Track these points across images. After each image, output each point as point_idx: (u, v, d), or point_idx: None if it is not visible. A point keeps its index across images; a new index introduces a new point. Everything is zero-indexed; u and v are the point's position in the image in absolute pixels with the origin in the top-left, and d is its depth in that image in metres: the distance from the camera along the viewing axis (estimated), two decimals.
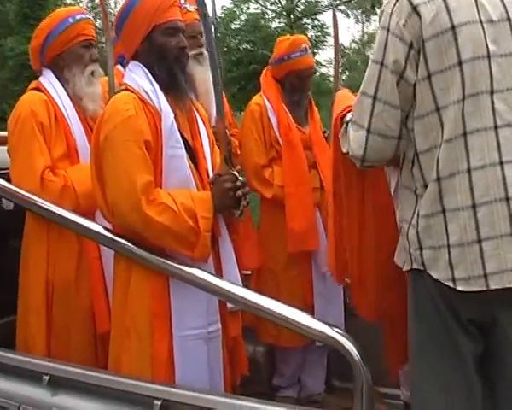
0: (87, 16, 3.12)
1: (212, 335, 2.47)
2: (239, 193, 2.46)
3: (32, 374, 2.47)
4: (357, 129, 2.15)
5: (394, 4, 2.07)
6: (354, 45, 21.22)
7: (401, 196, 2.23)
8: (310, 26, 15.41)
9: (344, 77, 27.69)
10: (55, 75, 3.04)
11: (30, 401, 2.44)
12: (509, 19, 2.05)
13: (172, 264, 2.35)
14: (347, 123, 2.25)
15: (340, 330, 2.14)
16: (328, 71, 24.48)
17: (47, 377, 2.42)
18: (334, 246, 2.46)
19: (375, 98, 2.09)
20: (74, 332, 2.89)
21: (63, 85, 3.02)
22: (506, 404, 2.08)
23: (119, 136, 2.36)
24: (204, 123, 2.67)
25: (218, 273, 2.51)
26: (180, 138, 2.45)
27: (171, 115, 2.44)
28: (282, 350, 3.82)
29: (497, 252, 1.97)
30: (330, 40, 19.60)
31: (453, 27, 2.00)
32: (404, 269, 2.19)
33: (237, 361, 2.67)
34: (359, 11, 18.04)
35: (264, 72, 4.04)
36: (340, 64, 21.29)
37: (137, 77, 2.49)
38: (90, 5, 33.01)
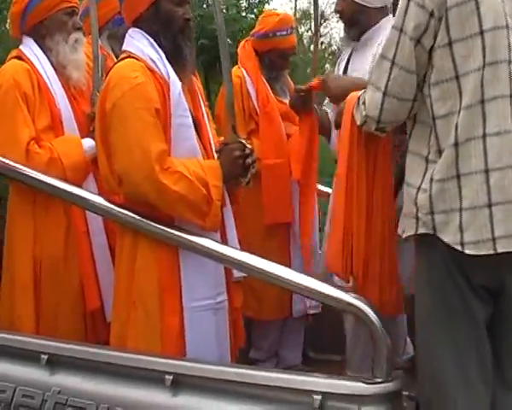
0: None
1: (220, 305, 2.43)
2: (248, 161, 2.43)
3: (29, 354, 2.38)
4: (375, 91, 2.20)
5: None
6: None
7: (409, 162, 2.24)
8: (257, 1, 15.31)
9: None
10: (37, 43, 2.90)
11: (27, 382, 2.35)
12: None
13: (183, 235, 2.30)
14: (359, 98, 2.31)
15: (358, 297, 2.14)
16: None
17: (45, 357, 2.34)
18: (343, 238, 2.41)
19: (393, 63, 2.14)
20: (63, 311, 2.80)
21: (45, 54, 2.90)
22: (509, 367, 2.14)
23: (129, 103, 2.28)
24: (201, 95, 2.63)
25: (224, 242, 2.47)
26: (187, 107, 2.40)
27: (179, 84, 2.38)
28: (261, 324, 3.81)
29: (505, 217, 2.01)
30: None
31: None
32: (405, 235, 2.21)
33: (237, 333, 2.64)
34: None
35: (242, 43, 3.99)
36: None
37: (141, 44, 2.41)
38: None
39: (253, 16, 13.49)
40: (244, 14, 13.99)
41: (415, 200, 2.14)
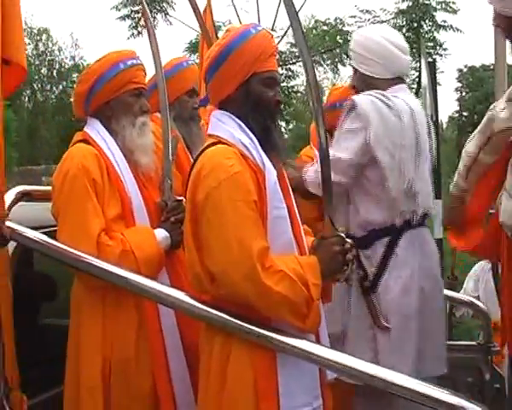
0: (139, 62, 2.79)
1: None
2: (349, 256, 2.24)
3: None
4: (509, 198, 2.05)
5: None
6: (300, 95, 21.49)
7: None
8: (283, 77, 15.58)
9: (291, 126, 27.96)
10: (103, 125, 2.73)
11: None
12: None
13: (282, 337, 2.10)
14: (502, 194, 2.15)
15: (478, 403, 1.93)
16: None
17: None
18: None
19: None
20: None
21: (112, 137, 2.71)
22: None
23: (225, 194, 2.10)
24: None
25: (316, 341, 2.27)
26: (283, 198, 2.22)
27: (274, 172, 2.21)
28: None
29: None
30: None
31: None
32: None
33: None
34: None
35: (313, 123, 3.92)
36: (285, 112, 21.25)
37: (231, 128, 2.24)
38: (34, 53, 32.59)
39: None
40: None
41: None
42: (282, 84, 14.37)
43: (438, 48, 18.92)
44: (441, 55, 18.99)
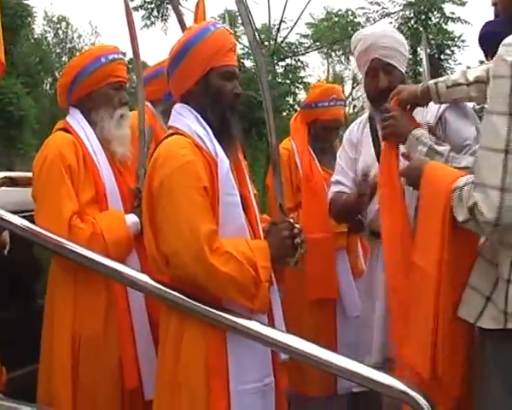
0: (120, 56, 2.97)
1: (267, 387, 2.35)
2: (297, 240, 2.36)
3: None
4: (486, 190, 1.94)
5: None
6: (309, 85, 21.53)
7: (498, 252, 2.08)
8: (292, 67, 15.73)
9: None
10: (83, 115, 2.89)
11: None
12: None
13: (231, 317, 2.22)
14: (461, 188, 2.06)
15: (409, 384, 2.05)
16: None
17: None
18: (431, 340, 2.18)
19: (507, 152, 1.90)
20: (101, 389, 2.70)
21: (91, 126, 2.88)
22: None
23: (178, 182, 2.24)
24: (247, 171, 2.59)
25: (270, 323, 2.40)
26: (235, 185, 2.35)
27: (227, 162, 2.33)
28: (302, 400, 3.69)
29: None
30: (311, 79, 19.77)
31: None
32: (488, 326, 2.07)
33: None
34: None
35: (294, 116, 4.13)
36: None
37: (188, 120, 2.37)
38: (55, 40, 32.84)
39: (288, 81, 13.66)
40: (280, 80, 14.18)
41: (505, 294, 2.01)
42: (291, 75, 14.41)
43: (456, 40, 18.85)
44: (459, 47, 18.89)
